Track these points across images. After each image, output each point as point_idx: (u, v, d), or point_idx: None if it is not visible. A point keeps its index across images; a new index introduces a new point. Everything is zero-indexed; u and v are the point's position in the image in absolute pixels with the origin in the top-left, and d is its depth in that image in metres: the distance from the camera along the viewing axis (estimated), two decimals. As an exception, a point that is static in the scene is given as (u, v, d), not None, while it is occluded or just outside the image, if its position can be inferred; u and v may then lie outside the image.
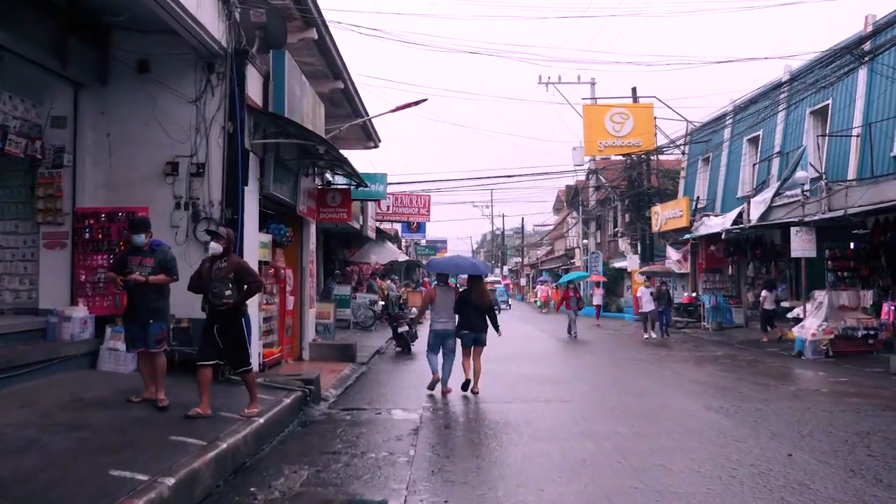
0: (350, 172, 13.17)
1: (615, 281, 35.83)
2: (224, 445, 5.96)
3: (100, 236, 9.10)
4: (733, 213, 20.49)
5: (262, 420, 7.11)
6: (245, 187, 9.34)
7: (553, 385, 11.04)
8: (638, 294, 20.35)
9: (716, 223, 21.62)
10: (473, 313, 10.35)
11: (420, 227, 41.57)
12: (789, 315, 17.12)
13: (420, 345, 17.16)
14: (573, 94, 46.71)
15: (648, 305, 20.51)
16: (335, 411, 8.95)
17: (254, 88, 10.02)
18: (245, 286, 7.11)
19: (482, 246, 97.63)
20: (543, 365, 14.11)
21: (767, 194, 18.73)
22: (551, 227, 59.29)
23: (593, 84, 35.88)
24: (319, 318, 14.88)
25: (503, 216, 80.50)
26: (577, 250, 44.25)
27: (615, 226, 40.56)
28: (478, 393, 10.15)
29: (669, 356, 15.64)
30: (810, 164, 17.18)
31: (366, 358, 14.68)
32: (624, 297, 34.05)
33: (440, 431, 7.72)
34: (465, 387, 10.20)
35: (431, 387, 10.35)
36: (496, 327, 10.67)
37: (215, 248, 7.05)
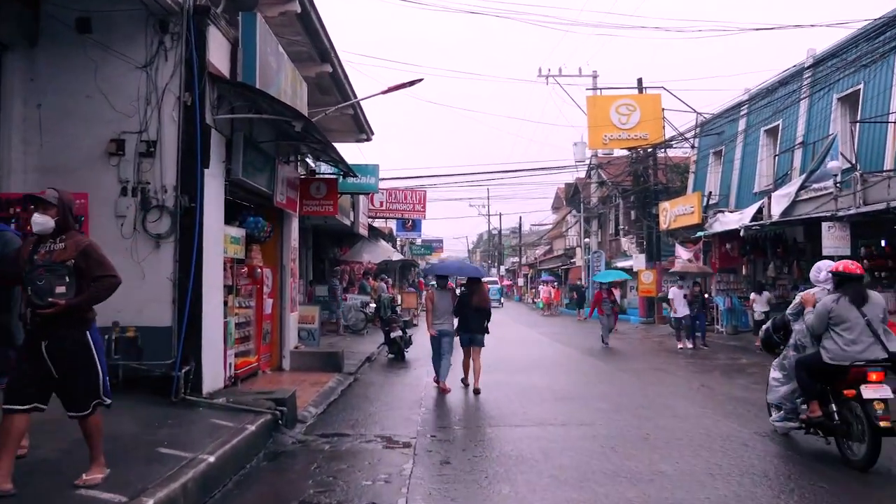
0: (336, 159, 11.67)
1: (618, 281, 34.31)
2: (150, 503, 4.46)
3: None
4: (752, 209, 19.01)
5: (212, 458, 5.60)
6: (205, 170, 7.83)
7: (569, 402, 9.55)
8: (670, 296, 18.21)
9: (732, 220, 20.16)
10: (473, 315, 10.72)
11: (415, 226, 40.20)
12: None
13: (414, 351, 15.74)
14: (574, 88, 45.58)
15: (682, 310, 17.63)
16: (312, 438, 7.46)
17: (219, 57, 8.51)
18: (91, 282, 4.69)
19: (478, 246, 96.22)
20: (554, 376, 12.62)
21: (791, 188, 17.27)
22: (549, 227, 57.87)
23: (595, 77, 34.55)
24: (302, 322, 13.39)
25: (500, 215, 79.13)
26: (577, 249, 42.81)
27: (617, 224, 39.18)
28: (479, 392, 10.31)
29: (691, 364, 14.18)
30: (841, 153, 15.74)
31: (354, 367, 13.20)
32: (628, 297, 32.58)
33: (438, 469, 6.22)
34: (463, 382, 10.73)
35: (443, 389, 10.50)
36: (486, 329, 11.01)
37: (41, 222, 4.69)
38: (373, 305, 19.81)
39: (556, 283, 40.03)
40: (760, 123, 21.65)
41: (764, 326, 7.79)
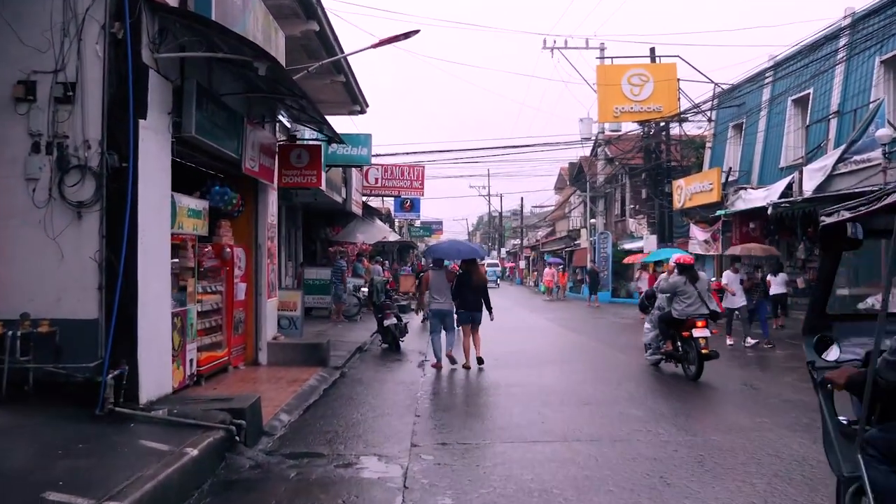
0: (318, 119, 10.00)
1: (624, 264, 32.68)
2: None
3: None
4: (780, 185, 17.39)
5: (122, 506, 4.02)
6: (141, 121, 6.20)
7: (594, 408, 7.94)
8: (724, 282, 15.97)
9: (757, 197, 18.53)
10: (471, 294, 11.03)
11: (414, 206, 38.68)
12: (860, 306, 14.09)
13: (410, 340, 14.21)
14: (581, 62, 43.20)
15: (738, 299, 14.49)
16: (276, 459, 5.88)
17: (166, -17, 6.85)
18: None
19: (478, 228, 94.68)
20: (571, 372, 11.02)
21: (828, 160, 15.64)
22: (552, 208, 56.20)
23: (602, 49, 32.77)
24: (283, 309, 11.79)
25: (501, 196, 77.53)
26: (582, 231, 41.16)
27: (623, 204, 37.59)
28: (482, 362, 10.90)
29: (722, 358, 12.52)
30: (888, 121, 14.08)
31: (342, 359, 11.64)
32: (637, 282, 30.89)
33: (436, 512, 4.64)
34: (464, 367, 10.78)
35: (436, 367, 10.82)
36: (489, 309, 11.23)
37: None
38: (365, 290, 18.20)
39: (562, 266, 38.14)
40: (788, 92, 19.94)
41: (641, 295, 12.68)
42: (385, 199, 39.09)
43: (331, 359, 11.25)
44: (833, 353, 3.66)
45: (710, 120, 25.34)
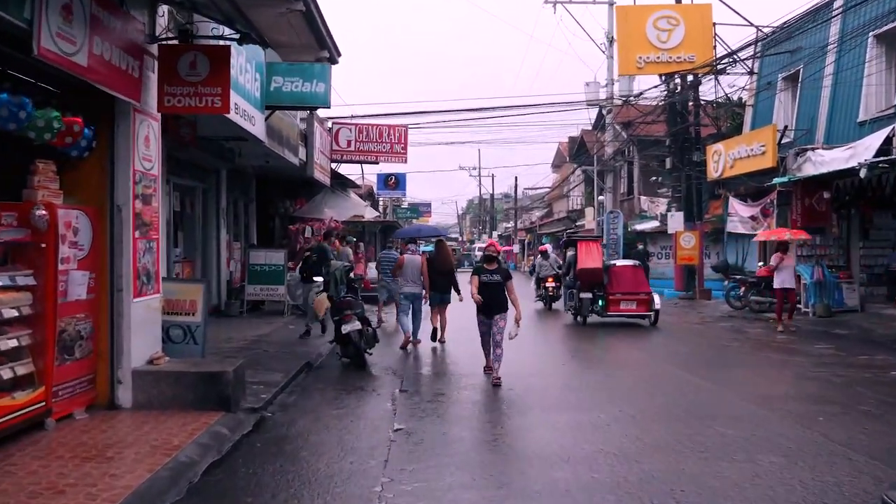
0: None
1: (632, 247, 28.41)
2: None
3: None
4: (873, 139, 13.20)
5: None
6: None
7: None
8: None
9: (836, 158, 14.27)
10: (439, 278, 11.15)
11: (399, 183, 34.49)
12: None
13: (381, 353, 10.01)
14: (587, 18, 39.16)
15: None
16: None
17: None
18: None
19: (468, 212, 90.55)
20: (643, 425, 6.58)
21: (952, 102, 11.45)
22: (548, 189, 51.95)
23: (611, 4, 28.50)
24: (173, 312, 7.41)
25: (493, 176, 73.17)
26: (587, 210, 36.99)
27: (630, 181, 33.58)
28: (444, 342, 11.23)
29: (822, 367, 8.27)
30: None
31: (272, 389, 7.43)
32: (656, 263, 26.58)
33: None
34: (433, 336, 11.32)
35: (403, 346, 10.86)
36: (457, 290, 11.13)
37: None
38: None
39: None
40: (867, 27, 15.67)
41: (534, 266, 21.63)
42: (366, 175, 34.79)
43: (247, 393, 6.98)
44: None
45: (751, 72, 21.05)
